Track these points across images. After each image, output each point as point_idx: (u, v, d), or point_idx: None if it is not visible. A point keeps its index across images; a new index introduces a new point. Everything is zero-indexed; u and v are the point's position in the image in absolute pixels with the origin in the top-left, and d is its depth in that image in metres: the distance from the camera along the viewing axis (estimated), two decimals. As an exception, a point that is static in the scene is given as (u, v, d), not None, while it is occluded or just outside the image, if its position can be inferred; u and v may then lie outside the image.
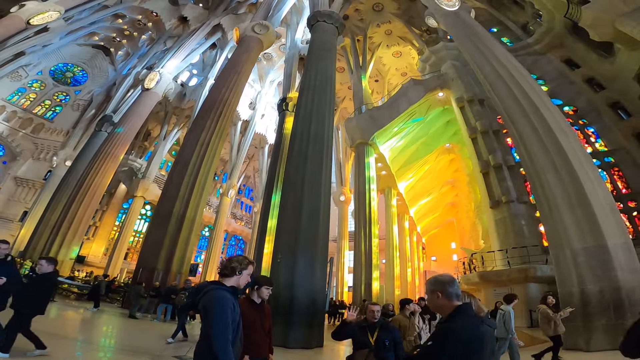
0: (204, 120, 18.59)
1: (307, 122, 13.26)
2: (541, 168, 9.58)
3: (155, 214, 16.58)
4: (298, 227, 10.90)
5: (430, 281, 2.06)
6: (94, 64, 40.19)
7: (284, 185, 12.35)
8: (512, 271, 13.47)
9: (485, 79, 12.26)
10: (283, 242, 10.87)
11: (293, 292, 10.01)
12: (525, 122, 10.32)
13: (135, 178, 34.87)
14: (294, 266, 10.35)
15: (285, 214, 11.40)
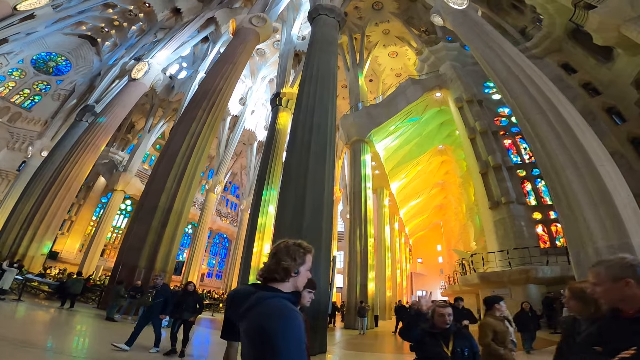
0: (195, 110, 17.19)
1: (310, 112, 12.28)
2: (560, 165, 9.02)
3: (139, 207, 15.03)
4: (301, 221, 9.85)
5: (609, 264, 1.46)
6: (79, 54, 37.63)
7: (284, 178, 11.27)
8: (514, 272, 12.97)
9: (497, 76, 11.76)
10: (284, 237, 9.74)
11: None
12: (541, 119, 9.79)
13: (116, 171, 32.69)
14: (296, 264, 9.25)
15: (286, 208, 10.32)
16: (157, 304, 6.79)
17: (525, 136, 10.50)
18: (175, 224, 14.64)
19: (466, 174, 22.11)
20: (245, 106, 36.91)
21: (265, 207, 21.41)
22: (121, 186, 31.17)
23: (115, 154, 35.44)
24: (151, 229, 13.96)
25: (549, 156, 9.35)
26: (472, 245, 21.09)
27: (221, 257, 46.59)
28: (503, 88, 11.36)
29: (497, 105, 18.27)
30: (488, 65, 12.20)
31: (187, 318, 6.47)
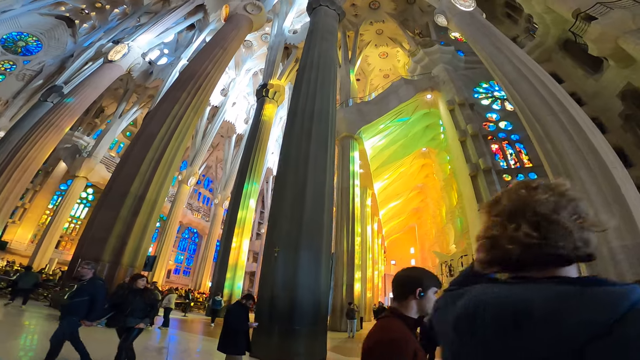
0: (180, 92, 15.44)
1: (311, 99, 11.17)
2: (572, 166, 8.68)
3: (106, 193, 12.94)
4: (301, 212, 8.64)
5: None
6: (52, 35, 33.46)
7: (281, 167, 9.99)
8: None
9: (505, 77, 11.57)
10: (281, 231, 8.50)
11: (295, 293, 7.69)
12: (553, 120, 9.56)
13: (79, 156, 29.20)
14: (296, 261, 8.03)
15: (284, 198, 9.04)
16: (75, 304, 4.37)
17: (534, 137, 10.14)
18: (148, 213, 12.80)
19: (449, 177, 22.01)
20: (227, 97, 34.83)
21: (246, 200, 19.84)
22: (84, 172, 27.89)
23: (80, 138, 31.84)
24: (119, 217, 12.03)
25: (560, 156, 8.99)
26: (452, 247, 20.97)
27: (190, 253, 43.65)
28: (512, 89, 11.12)
29: (485, 110, 18.23)
30: (496, 66, 12.01)
31: (132, 325, 4.47)
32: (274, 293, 7.72)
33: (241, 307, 4.87)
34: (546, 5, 14.68)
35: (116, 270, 11.47)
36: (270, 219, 9.00)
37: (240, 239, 19.05)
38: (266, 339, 7.41)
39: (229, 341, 4.45)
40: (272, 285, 7.83)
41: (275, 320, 7.48)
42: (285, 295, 7.71)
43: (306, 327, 7.56)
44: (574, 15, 13.27)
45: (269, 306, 7.66)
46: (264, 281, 8.20)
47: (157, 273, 28.06)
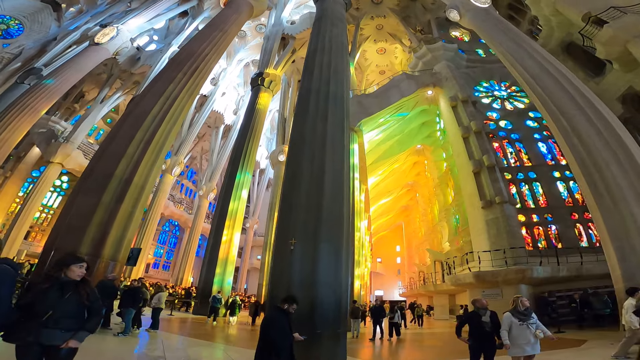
0: (175, 72, 13.91)
1: (325, 81, 10.04)
2: (603, 161, 8.19)
3: (86, 175, 11.19)
4: (319, 200, 7.53)
5: None
6: (36, 18, 29.92)
7: (294, 151, 8.82)
8: (510, 271, 12.14)
9: (526, 72, 11.19)
10: (296, 221, 7.36)
11: (315, 292, 6.58)
12: (580, 114, 9.21)
13: (54, 141, 26.45)
14: (315, 255, 6.91)
15: (298, 184, 7.88)
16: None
17: (559, 132, 9.66)
18: (134, 200, 11.21)
19: (444, 174, 21.63)
20: (217, 87, 32.89)
21: (239, 191, 18.43)
22: (59, 158, 25.31)
23: (57, 123, 28.93)
24: (101, 203, 10.41)
25: (589, 152, 8.49)
26: (445, 245, 20.60)
27: (170, 247, 41.12)
28: (533, 83, 10.74)
29: (486, 109, 17.87)
30: (516, 61, 11.65)
31: (52, 342, 2.33)
32: (291, 292, 6.58)
33: (283, 314, 3.73)
34: (555, 7, 14.44)
35: (96, 264, 9.81)
36: (282, 208, 7.82)
37: (232, 232, 17.62)
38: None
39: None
40: (288, 283, 6.68)
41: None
42: (305, 295, 6.56)
43: (328, 330, 6.50)
44: (584, 19, 13.04)
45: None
46: (277, 278, 7.02)
47: (136, 267, 25.87)
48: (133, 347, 6.33)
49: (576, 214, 14.69)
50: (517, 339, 4.14)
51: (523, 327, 4.21)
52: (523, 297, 4.53)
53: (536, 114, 17.78)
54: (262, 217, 40.73)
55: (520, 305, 4.36)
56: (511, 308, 4.42)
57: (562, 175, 15.63)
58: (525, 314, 4.35)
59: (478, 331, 4.40)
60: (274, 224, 24.63)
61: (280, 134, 27.94)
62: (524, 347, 4.12)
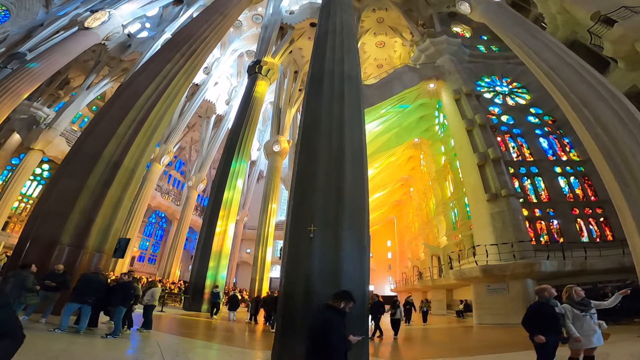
0: (172, 53, 12.75)
1: (339, 62, 9.18)
2: (629, 151, 7.73)
3: (70, 156, 9.84)
4: (339, 185, 6.66)
5: None
6: (23, 4, 27.74)
7: (308, 132, 7.85)
8: (518, 265, 11.70)
9: (544, 63, 10.94)
10: (314, 207, 6.46)
11: (339, 285, 5.65)
12: (603, 105, 8.92)
13: (36, 127, 24.39)
14: (337, 245, 6.05)
15: (314, 167, 7.00)
16: None
17: (581, 122, 9.25)
18: (123, 185, 9.98)
19: (442, 168, 21.20)
20: (210, 76, 31.33)
21: (234, 180, 17.31)
22: (40, 145, 23.38)
23: (39, 109, 26.78)
24: (86, 187, 9.15)
25: (614, 142, 8.07)
26: (442, 240, 20.21)
27: (156, 239, 39.19)
28: (553, 74, 10.47)
29: (487, 104, 17.47)
30: (533, 52, 11.38)
31: None
32: (311, 288, 5.68)
33: (339, 315, 2.86)
34: (562, 6, 14.28)
35: (79, 256, 8.62)
36: (297, 192, 6.88)
37: (226, 223, 16.49)
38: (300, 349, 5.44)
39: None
40: (307, 276, 5.76)
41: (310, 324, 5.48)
42: (327, 289, 5.70)
43: (353, 329, 5.66)
44: (593, 18, 12.97)
45: (304, 305, 5.64)
46: (293, 270, 6.09)
47: (121, 260, 24.20)
48: (125, 351, 5.28)
49: (577, 209, 14.50)
50: (582, 330, 3.77)
51: (586, 317, 3.87)
52: (576, 287, 4.13)
53: (537, 110, 17.58)
54: (252, 210, 39.45)
55: (575, 295, 4.01)
56: (565, 299, 4.06)
57: (563, 171, 15.42)
58: (585, 304, 3.99)
59: (552, 325, 3.73)
60: (267, 215, 23.56)
61: (275, 125, 26.89)
62: (590, 339, 3.78)
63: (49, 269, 7.42)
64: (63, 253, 8.40)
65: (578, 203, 14.61)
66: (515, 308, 11.66)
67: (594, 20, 13.26)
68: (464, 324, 13.16)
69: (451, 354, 7.29)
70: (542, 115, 17.15)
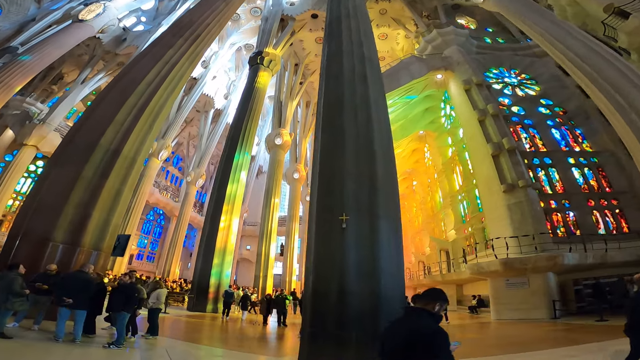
0: (175, 38, 11.80)
1: (357, 44, 8.51)
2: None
3: (63, 145, 8.81)
4: (371, 168, 5.87)
5: None
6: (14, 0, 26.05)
7: (331, 112, 7.03)
8: (540, 258, 11.02)
9: (570, 51, 10.64)
10: (343, 193, 5.63)
11: (378, 282, 4.92)
12: (637, 92, 8.54)
13: (29, 122, 23.16)
14: (374, 235, 5.26)
15: (341, 150, 6.17)
16: None
17: (614, 109, 8.74)
18: (122, 175, 8.99)
19: (449, 161, 20.51)
20: (208, 70, 30.17)
21: (237, 173, 16.37)
22: (33, 140, 22.18)
23: (32, 105, 25.52)
24: (81, 178, 8.16)
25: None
26: (450, 234, 19.56)
27: (154, 237, 37.95)
28: (580, 62, 10.15)
29: (497, 95, 16.76)
30: (556, 40, 11.04)
31: None
32: (346, 286, 4.85)
33: (432, 318, 2.03)
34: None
35: (74, 255, 7.60)
36: (323, 177, 6.02)
37: (230, 218, 15.56)
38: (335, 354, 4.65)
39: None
40: (341, 273, 4.94)
41: (351, 328, 4.68)
42: (364, 286, 4.92)
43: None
44: (606, 10, 12.57)
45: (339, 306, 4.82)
46: (323, 264, 5.24)
47: (120, 258, 23.07)
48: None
49: (592, 200, 13.91)
50: None
51: None
52: None
53: (547, 101, 16.96)
54: (251, 206, 38.48)
55: None
56: None
57: (576, 162, 14.81)
58: None
59: None
60: (270, 210, 22.58)
61: (277, 117, 25.95)
62: None
63: (41, 269, 6.48)
64: (56, 251, 7.42)
65: (593, 194, 14.01)
66: (536, 303, 11.04)
67: (607, 12, 12.93)
68: (482, 320, 12.47)
69: (486, 351, 6.51)
70: (552, 106, 16.53)
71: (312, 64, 28.83)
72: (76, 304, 4.95)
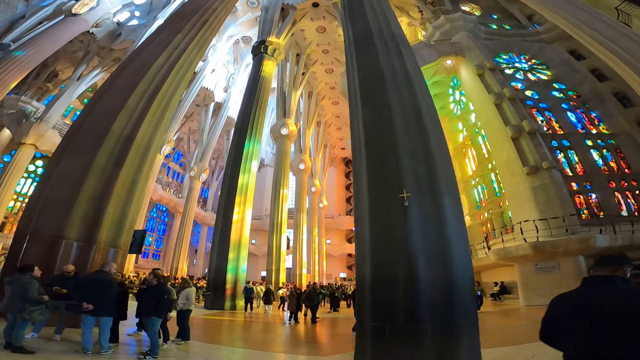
0: (182, 23, 10.91)
1: (384, 22, 7.93)
2: None
3: (71, 133, 7.96)
4: (425, 140, 5.25)
5: None
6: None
7: (368, 88, 6.38)
8: (571, 241, 10.54)
9: (598, 34, 10.76)
10: (403, 167, 4.97)
11: (449, 267, 4.31)
12: None
13: (26, 121, 22.08)
14: (440, 214, 4.62)
15: (389, 123, 5.49)
16: None
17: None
18: (137, 164, 8.20)
19: (460, 146, 19.98)
20: (206, 63, 29.09)
21: (248, 163, 15.65)
22: (32, 139, 21.13)
23: (28, 103, 24.45)
24: (94, 167, 7.35)
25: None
26: (465, 219, 19.04)
27: (159, 234, 37.06)
28: (610, 44, 10.19)
29: (509, 79, 16.14)
30: (582, 24, 11.02)
31: None
32: (416, 273, 4.20)
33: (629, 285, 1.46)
34: None
35: (90, 254, 6.78)
36: (371, 155, 5.37)
37: (243, 210, 14.83)
38: (406, 353, 4.03)
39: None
40: (408, 258, 4.29)
41: (425, 321, 4.06)
42: (436, 276, 4.29)
43: (468, 319, 4.31)
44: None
45: (409, 297, 4.19)
46: (385, 253, 4.58)
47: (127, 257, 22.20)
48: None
49: (613, 182, 13.48)
50: None
51: None
52: None
53: (560, 85, 16.45)
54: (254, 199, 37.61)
55: None
56: None
57: (594, 144, 14.37)
58: None
59: None
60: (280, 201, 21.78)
61: (281, 108, 25.12)
62: None
63: (55, 271, 5.70)
64: (70, 250, 6.61)
65: (613, 176, 13.59)
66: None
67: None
68: (511, 307, 12.00)
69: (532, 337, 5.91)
70: (565, 90, 16.07)
71: (313, 53, 27.99)
72: (99, 310, 4.16)
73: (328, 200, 38.04)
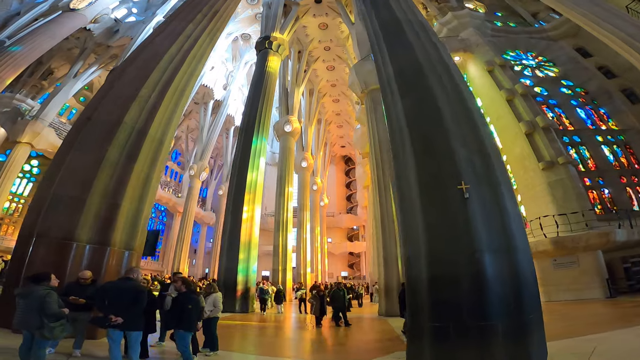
0: (193, 13, 10.28)
1: (410, 11, 7.65)
2: None
3: (80, 125, 7.34)
4: (475, 129, 4.92)
5: None
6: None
7: (405, 74, 5.99)
8: (592, 236, 10.36)
9: (620, 31, 10.70)
10: (457, 156, 4.60)
11: (515, 262, 4.00)
12: None
13: (21, 119, 21.17)
14: (500, 204, 4.29)
15: (435, 111, 5.13)
16: None
17: None
18: (151, 159, 7.65)
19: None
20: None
21: (256, 159, 15.13)
22: (27, 138, 20.34)
23: (22, 101, 23.50)
24: (106, 161, 6.79)
25: None
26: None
27: (157, 235, 35.99)
28: (633, 41, 10.10)
29: (518, 76, 16.04)
30: (603, 21, 10.93)
31: None
32: (483, 270, 3.85)
33: None
34: None
35: (104, 257, 6.16)
36: (418, 145, 4.98)
37: (253, 208, 14.32)
38: (480, 351, 3.66)
39: None
40: (470, 252, 3.94)
41: (496, 318, 3.71)
42: (503, 270, 3.94)
43: (536, 315, 3.99)
44: None
45: (474, 293, 3.82)
46: (442, 247, 4.21)
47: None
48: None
49: (624, 177, 13.44)
50: None
51: None
52: None
53: (568, 82, 16.40)
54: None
55: None
56: None
57: (605, 140, 14.31)
58: None
59: None
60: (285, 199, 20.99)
61: (284, 105, 24.64)
62: None
63: (66, 277, 5.06)
64: (83, 254, 5.96)
65: (625, 171, 13.55)
66: (588, 282, 10.41)
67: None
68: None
69: (585, 330, 5.67)
70: (573, 87, 16.04)
71: (315, 50, 27.59)
72: (128, 324, 3.55)
73: (329, 199, 37.62)
